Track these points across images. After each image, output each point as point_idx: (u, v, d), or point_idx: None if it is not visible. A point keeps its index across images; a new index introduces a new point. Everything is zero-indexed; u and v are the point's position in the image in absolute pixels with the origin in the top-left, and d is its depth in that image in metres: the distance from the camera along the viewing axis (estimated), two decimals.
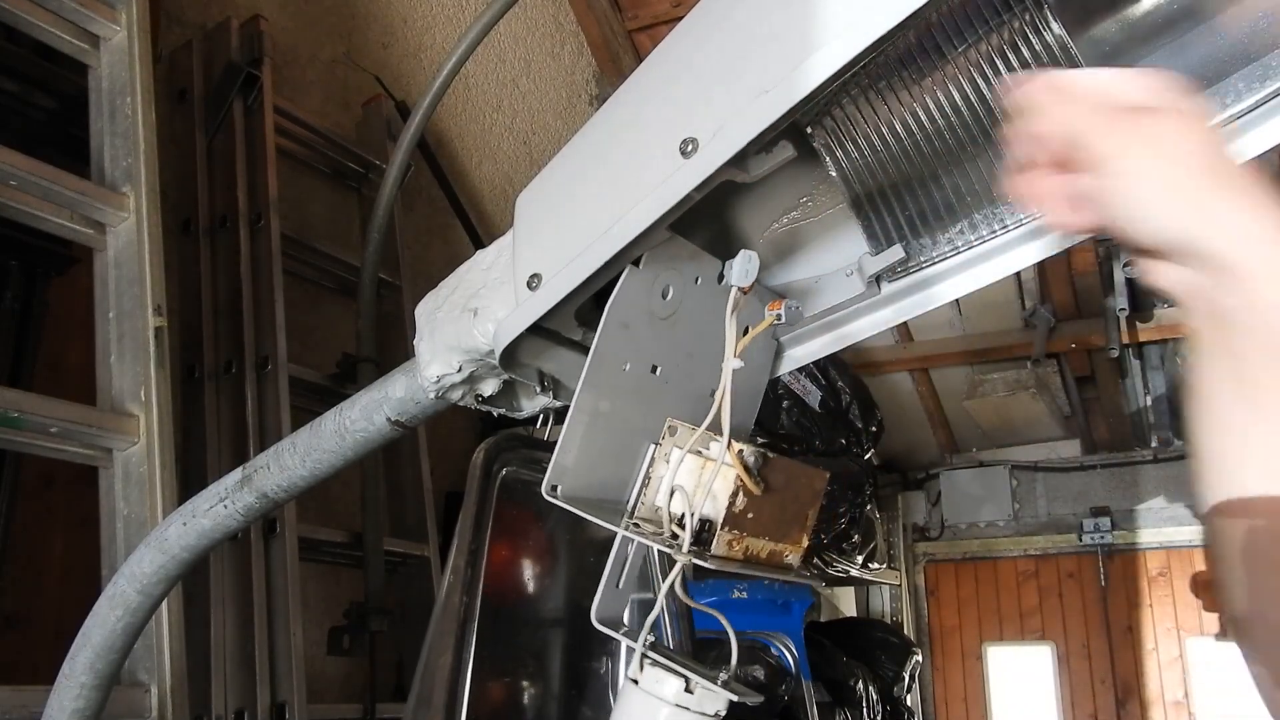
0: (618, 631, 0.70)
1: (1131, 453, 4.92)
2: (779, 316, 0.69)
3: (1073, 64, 0.65)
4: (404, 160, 2.23)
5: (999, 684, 5.06)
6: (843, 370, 3.36)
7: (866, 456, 3.38)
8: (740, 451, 0.66)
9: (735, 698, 0.65)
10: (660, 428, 0.71)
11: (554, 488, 0.66)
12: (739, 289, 0.67)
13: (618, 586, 0.73)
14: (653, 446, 0.71)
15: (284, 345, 2.23)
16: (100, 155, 1.68)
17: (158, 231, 1.65)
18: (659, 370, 0.74)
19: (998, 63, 0.65)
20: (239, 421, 2.13)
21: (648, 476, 0.70)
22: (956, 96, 0.67)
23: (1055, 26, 0.63)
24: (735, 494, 0.65)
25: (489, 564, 0.76)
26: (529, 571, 0.95)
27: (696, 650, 0.97)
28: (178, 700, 1.48)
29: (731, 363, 0.67)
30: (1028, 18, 0.63)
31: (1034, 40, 0.64)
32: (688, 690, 0.65)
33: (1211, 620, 4.72)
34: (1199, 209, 0.54)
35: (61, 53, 1.70)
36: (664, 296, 0.73)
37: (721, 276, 0.76)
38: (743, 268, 0.67)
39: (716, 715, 0.66)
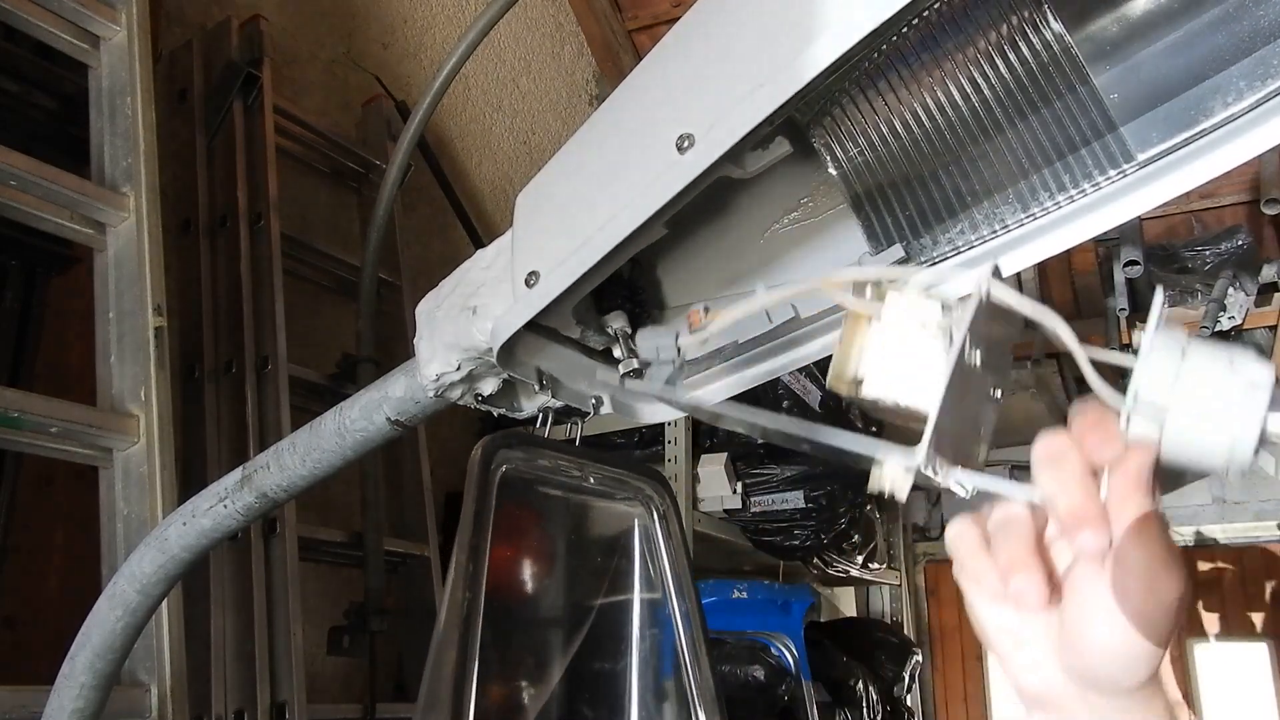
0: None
1: None
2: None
3: (1072, 62, 0.65)
4: (404, 160, 2.22)
5: (999, 684, 5.06)
6: None
7: None
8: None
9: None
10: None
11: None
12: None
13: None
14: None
15: (284, 345, 2.23)
16: (100, 155, 1.68)
17: (158, 231, 1.65)
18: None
19: (996, 59, 0.65)
20: (239, 421, 2.13)
21: None
22: (955, 94, 0.67)
23: (1054, 23, 0.63)
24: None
25: (492, 562, 0.75)
26: (532, 568, 0.95)
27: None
28: (178, 700, 1.48)
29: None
30: (1026, 14, 0.63)
31: (1032, 37, 0.64)
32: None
33: (1212, 620, 4.72)
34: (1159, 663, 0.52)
35: (61, 53, 1.70)
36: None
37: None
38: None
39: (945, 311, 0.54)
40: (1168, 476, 0.51)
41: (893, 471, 0.54)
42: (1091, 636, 0.51)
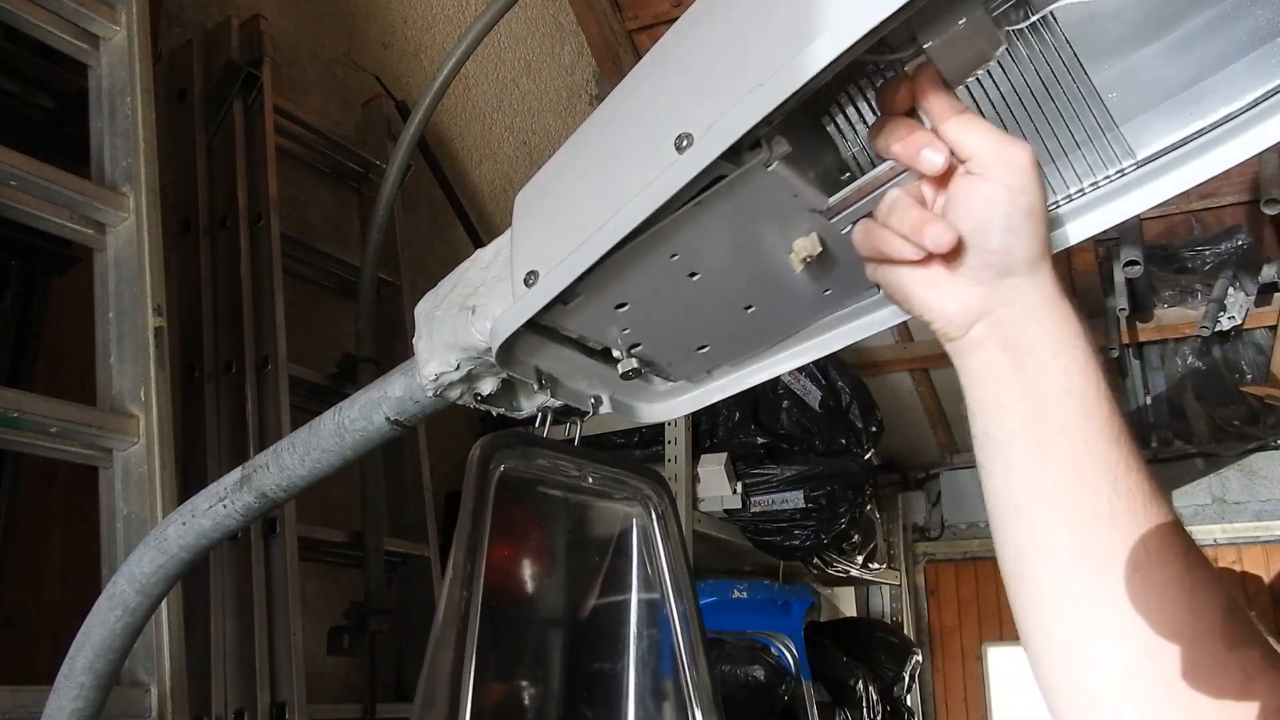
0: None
1: None
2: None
3: (1071, 61, 0.65)
4: (404, 160, 2.22)
5: (999, 684, 5.06)
6: (843, 370, 3.36)
7: (866, 456, 3.38)
8: None
9: None
10: None
11: None
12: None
13: None
14: None
15: (284, 345, 2.23)
16: (100, 155, 1.68)
17: (158, 231, 1.65)
18: None
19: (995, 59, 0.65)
20: (239, 421, 2.13)
21: None
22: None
23: (1054, 24, 0.63)
24: None
25: (490, 561, 0.75)
26: (530, 568, 0.95)
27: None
28: (178, 700, 1.48)
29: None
30: (1024, 14, 0.63)
31: (1033, 39, 0.64)
32: None
33: None
34: (1044, 238, 0.61)
35: (61, 53, 1.70)
36: None
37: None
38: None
39: None
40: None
41: (802, 241, 0.68)
42: (980, 222, 0.60)
